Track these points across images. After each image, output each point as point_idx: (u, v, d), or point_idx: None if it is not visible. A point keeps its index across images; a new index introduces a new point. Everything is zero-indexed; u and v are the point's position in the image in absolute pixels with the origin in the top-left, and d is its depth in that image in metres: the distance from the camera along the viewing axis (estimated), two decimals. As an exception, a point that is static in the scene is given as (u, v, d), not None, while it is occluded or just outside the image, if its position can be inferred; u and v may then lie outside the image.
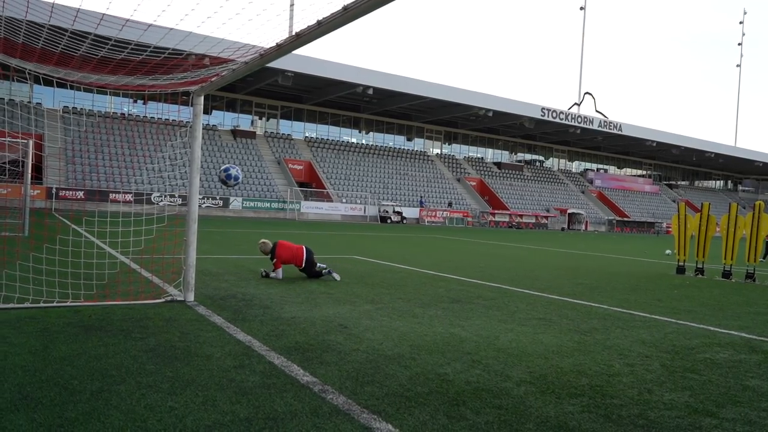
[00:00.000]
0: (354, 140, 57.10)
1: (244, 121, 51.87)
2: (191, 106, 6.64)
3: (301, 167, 48.03)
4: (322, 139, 54.32)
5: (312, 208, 42.84)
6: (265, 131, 52.13)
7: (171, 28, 4.31)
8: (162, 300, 6.39)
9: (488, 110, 49.82)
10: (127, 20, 4.11)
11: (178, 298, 6.45)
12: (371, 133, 58.29)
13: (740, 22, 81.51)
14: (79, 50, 5.09)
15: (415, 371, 4.16)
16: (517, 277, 10.48)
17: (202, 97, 6.68)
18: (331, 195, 45.58)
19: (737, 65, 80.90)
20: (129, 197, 33.59)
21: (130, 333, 4.85)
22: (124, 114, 45.26)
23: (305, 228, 27.30)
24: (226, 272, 9.14)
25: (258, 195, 42.36)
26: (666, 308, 7.76)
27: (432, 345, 4.96)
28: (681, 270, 12.93)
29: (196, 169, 6.73)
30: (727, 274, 12.18)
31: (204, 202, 38.06)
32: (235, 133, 48.94)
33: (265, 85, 44.84)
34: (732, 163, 74.09)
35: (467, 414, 3.37)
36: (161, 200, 30.70)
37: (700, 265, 12.70)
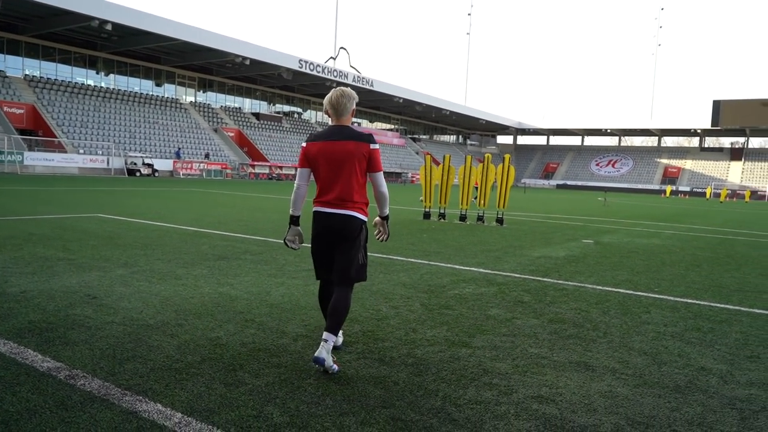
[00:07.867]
0: (91, 82, 49.94)
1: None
2: None
3: (21, 111, 40.38)
4: (48, 78, 46.26)
5: (39, 160, 36.67)
6: (-33, 65, 42.39)
7: None
8: None
9: (245, 58, 48.05)
10: None
11: None
12: (111, 75, 51.66)
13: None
14: None
15: (183, 339, 3.79)
16: (281, 229, 10.43)
17: None
18: (63, 145, 39.52)
19: (467, 33, 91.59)
20: None
21: None
22: None
23: (31, 183, 23.26)
24: None
25: (-38, 144, 34.61)
26: (419, 251, 8.53)
27: (200, 308, 4.60)
28: (427, 215, 14.38)
29: None
30: (463, 218, 13.93)
31: None
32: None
33: (-36, 7, 36.08)
34: (463, 120, 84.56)
35: (246, 378, 3.18)
36: None
37: (442, 211, 14.29)
